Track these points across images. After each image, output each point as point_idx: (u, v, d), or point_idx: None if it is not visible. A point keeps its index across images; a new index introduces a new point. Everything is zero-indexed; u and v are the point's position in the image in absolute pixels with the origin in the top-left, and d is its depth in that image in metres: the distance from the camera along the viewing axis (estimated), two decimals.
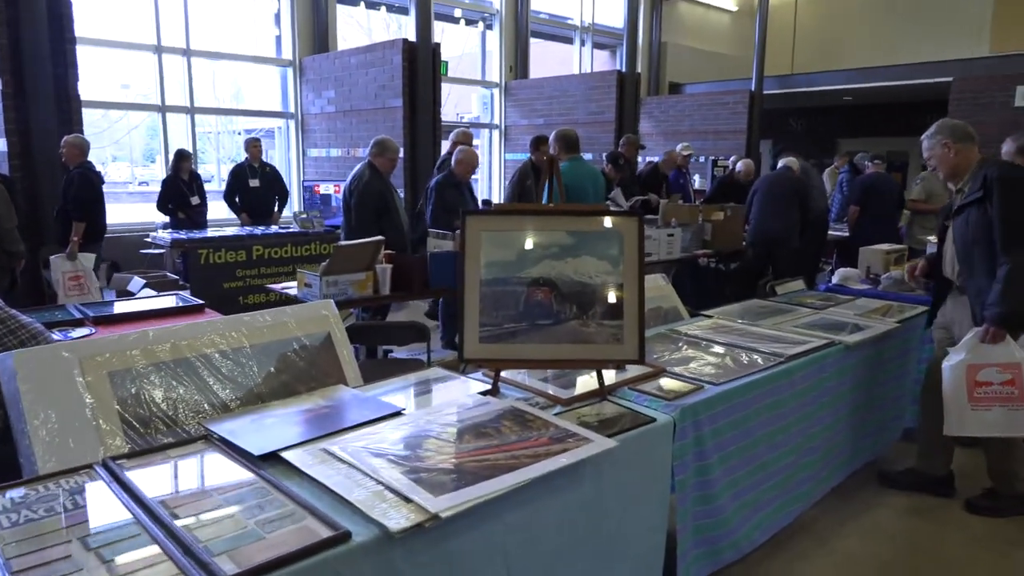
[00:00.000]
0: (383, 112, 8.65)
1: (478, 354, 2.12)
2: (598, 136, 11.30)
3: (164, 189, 7.40)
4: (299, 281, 3.85)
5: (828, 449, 2.84)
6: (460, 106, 14.62)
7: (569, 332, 2.11)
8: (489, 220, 2.17)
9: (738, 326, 3.09)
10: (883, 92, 12.25)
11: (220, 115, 11.42)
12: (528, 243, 2.14)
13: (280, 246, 7.02)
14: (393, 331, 3.58)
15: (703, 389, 2.25)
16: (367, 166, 4.93)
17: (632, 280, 2.14)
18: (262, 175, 7.60)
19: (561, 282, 2.12)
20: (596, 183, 4.83)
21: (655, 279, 3.42)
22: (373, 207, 4.82)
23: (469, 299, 2.12)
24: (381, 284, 3.91)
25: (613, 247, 2.15)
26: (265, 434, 1.80)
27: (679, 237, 5.86)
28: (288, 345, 2.25)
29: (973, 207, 2.89)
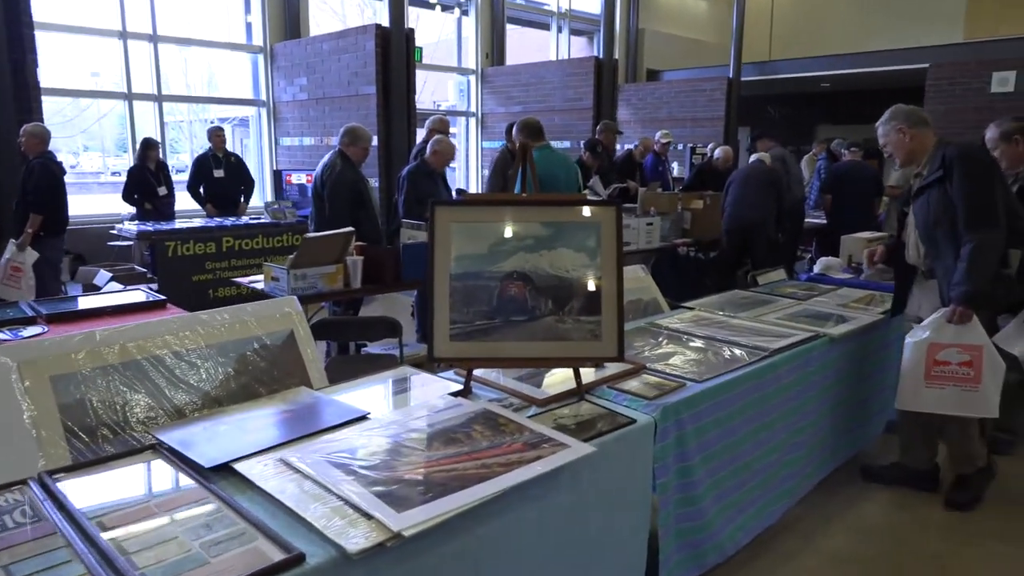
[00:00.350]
0: (356, 100, 8.48)
1: (448, 353, 2.01)
2: (576, 124, 11.21)
3: (130, 179, 7.19)
4: (266, 275, 3.71)
5: (813, 445, 2.77)
6: (437, 94, 14.45)
7: (545, 329, 2.01)
8: (459, 211, 2.06)
9: (720, 318, 3.01)
10: (861, 78, 12.24)
11: (188, 103, 11.14)
12: (501, 235, 2.03)
13: (251, 237, 6.83)
14: (363, 326, 3.45)
15: (685, 387, 2.16)
16: (338, 155, 4.78)
17: (610, 273, 2.04)
18: (227, 165, 7.41)
19: (536, 276, 2.02)
20: (568, 171, 4.66)
21: (634, 270, 3.32)
22: (348, 198, 4.67)
23: (439, 294, 2.01)
24: (352, 277, 3.78)
25: (590, 238, 2.05)
26: (218, 443, 1.68)
27: (658, 226, 5.78)
28: (248, 345, 2.13)
29: (934, 188, 2.86)
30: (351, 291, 3.80)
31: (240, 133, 12.22)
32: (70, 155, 17.17)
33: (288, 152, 9.85)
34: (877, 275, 3.75)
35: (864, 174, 7.07)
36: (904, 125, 2.96)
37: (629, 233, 5.54)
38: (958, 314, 2.78)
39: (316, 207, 4.79)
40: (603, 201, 2.15)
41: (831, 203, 7.06)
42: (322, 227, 4.72)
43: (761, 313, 3.12)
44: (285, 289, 3.57)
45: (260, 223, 7.02)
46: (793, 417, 2.61)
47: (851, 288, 3.75)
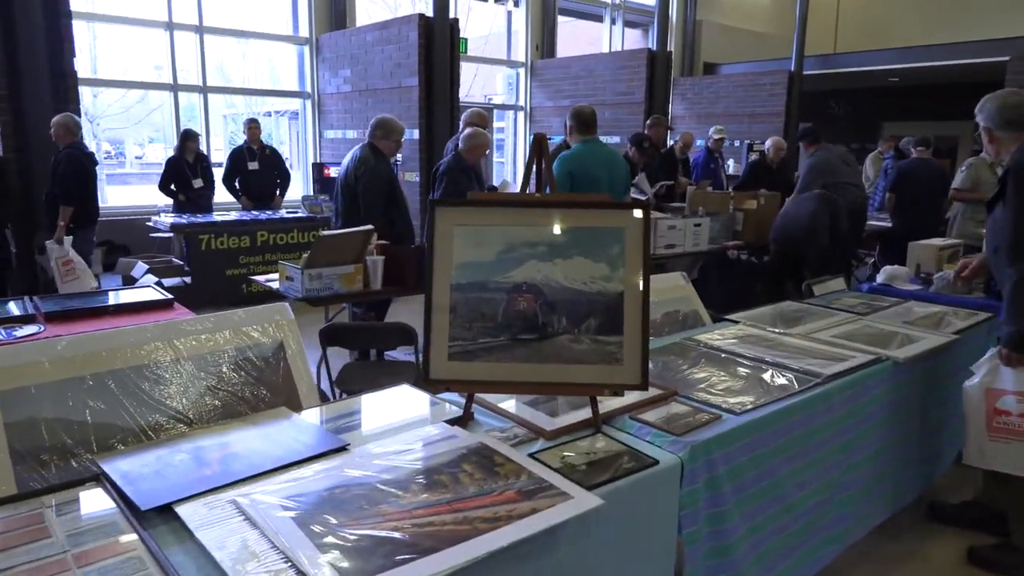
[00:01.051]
0: (399, 92, 8.31)
1: (446, 374, 1.77)
2: (626, 118, 10.88)
3: (167, 170, 7.15)
4: (280, 274, 3.54)
5: (869, 483, 2.44)
6: (487, 87, 14.27)
7: (557, 349, 1.76)
8: (463, 212, 1.82)
9: (768, 335, 2.70)
10: (932, 72, 11.58)
11: (240, 95, 11.15)
12: (510, 241, 1.78)
13: (286, 231, 6.77)
14: (376, 333, 3.24)
15: (720, 420, 1.87)
16: (369, 148, 4.58)
17: (636, 286, 1.77)
18: (261, 157, 7.31)
19: (548, 288, 1.77)
20: (613, 170, 4.34)
21: (674, 278, 3.03)
22: (385, 194, 4.45)
23: (437, 307, 1.77)
24: (372, 278, 3.59)
25: (613, 246, 1.78)
26: (168, 477, 1.47)
27: (706, 227, 5.45)
28: (230, 358, 1.92)
29: (996, 204, 2.47)
30: (370, 293, 3.61)
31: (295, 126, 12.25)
32: (136, 146, 17.55)
33: (331, 145, 9.75)
34: (963, 289, 3.37)
35: (931, 173, 6.60)
36: (990, 125, 2.56)
37: (674, 235, 5.23)
38: (1006, 357, 2.43)
39: (344, 203, 4.59)
40: (628, 203, 1.87)
41: (895, 203, 6.61)
42: (350, 224, 4.53)
43: (815, 330, 2.80)
44: (299, 290, 3.39)
45: (296, 217, 6.94)
46: (846, 452, 2.29)
47: (919, 302, 3.37)
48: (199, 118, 9.07)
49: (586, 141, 4.30)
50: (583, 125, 4.29)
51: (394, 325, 2.98)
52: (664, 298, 2.90)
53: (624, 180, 4.50)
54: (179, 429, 1.75)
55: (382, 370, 3.44)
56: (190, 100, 9.12)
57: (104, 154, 16.60)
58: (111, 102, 14.04)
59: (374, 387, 3.09)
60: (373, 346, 3.73)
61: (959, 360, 2.84)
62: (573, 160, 4.25)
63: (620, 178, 4.43)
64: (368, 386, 3.25)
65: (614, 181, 4.32)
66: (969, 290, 3.48)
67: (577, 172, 4.20)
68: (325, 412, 1.89)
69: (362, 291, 3.57)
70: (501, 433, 1.76)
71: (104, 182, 13.66)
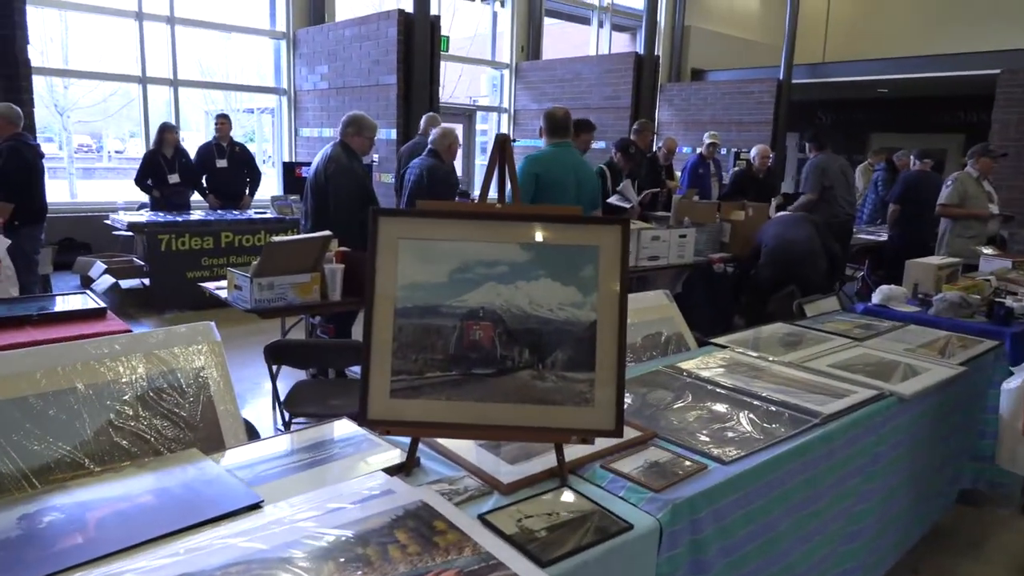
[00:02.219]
0: (376, 90, 8.05)
1: (387, 414, 1.52)
2: (612, 123, 10.67)
3: (143, 164, 6.85)
4: (229, 282, 3.28)
5: (875, 531, 2.21)
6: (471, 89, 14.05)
7: (518, 387, 1.52)
8: (411, 223, 1.57)
9: (758, 363, 2.48)
10: (922, 84, 11.46)
11: (204, 88, 10.85)
12: (465, 258, 1.54)
13: (252, 233, 6.52)
14: (326, 352, 2.98)
15: (706, 471, 1.63)
16: (340, 146, 4.37)
17: (611, 314, 1.53)
18: (231, 154, 7.06)
19: (509, 315, 1.53)
20: (582, 178, 4.13)
21: (657, 296, 2.81)
22: (356, 194, 4.26)
23: (377, 335, 1.53)
24: (330, 288, 3.36)
25: (585, 266, 1.55)
26: (20, 550, 1.19)
27: (692, 239, 5.25)
28: (140, 386, 1.67)
29: None
30: (328, 304, 3.37)
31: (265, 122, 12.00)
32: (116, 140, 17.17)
33: (307, 143, 9.49)
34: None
35: (933, 186, 6.46)
36: None
37: (658, 246, 5.03)
38: None
39: (314, 203, 4.37)
40: (605, 218, 1.63)
41: (898, 215, 6.46)
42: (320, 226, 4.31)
43: (809, 357, 2.58)
44: (248, 300, 3.13)
45: (263, 218, 6.70)
46: (850, 500, 2.06)
47: (919, 326, 3.15)
48: (171, 113, 8.76)
49: (557, 145, 4.09)
50: (555, 128, 4.09)
51: (346, 343, 2.76)
52: (645, 319, 2.68)
53: (593, 193, 4.29)
54: (68, 475, 1.48)
55: (336, 390, 3.18)
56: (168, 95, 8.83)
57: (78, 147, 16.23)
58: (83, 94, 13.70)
59: (325, 410, 2.92)
60: (323, 366, 3.47)
61: (965, 392, 2.63)
62: (540, 162, 4.04)
63: (589, 189, 4.20)
64: (319, 407, 3.07)
65: (582, 191, 4.10)
66: (971, 313, 3.27)
67: (543, 175, 3.98)
68: (248, 454, 1.64)
69: (319, 302, 3.34)
70: (450, 485, 1.51)
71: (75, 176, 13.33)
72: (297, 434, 1.79)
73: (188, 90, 9.09)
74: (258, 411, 4.05)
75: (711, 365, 2.44)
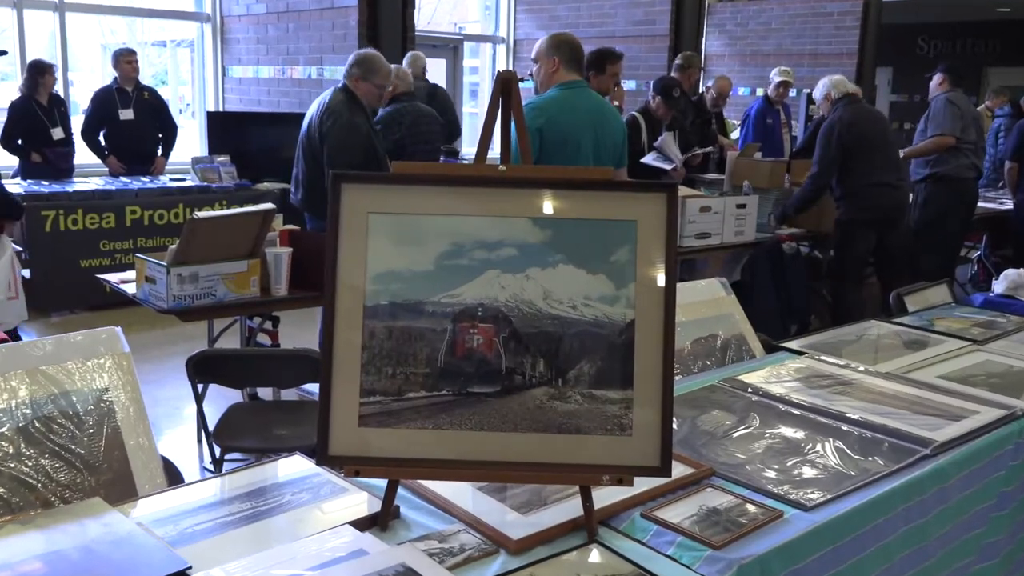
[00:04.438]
0: (331, 14, 8.19)
1: (354, 448, 1.53)
2: (644, 56, 10.77)
3: (11, 116, 6.85)
4: (138, 273, 3.34)
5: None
6: (457, 14, 14.08)
7: (530, 410, 1.54)
8: (385, 193, 1.57)
9: (847, 375, 2.51)
10: None
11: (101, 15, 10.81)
12: (458, 239, 1.56)
13: (168, 207, 6.61)
14: (268, 365, 3.02)
15: (783, 520, 1.65)
16: (342, 93, 4.52)
17: (653, 311, 1.54)
18: (138, 103, 7.11)
19: (518, 314, 1.55)
20: (604, 130, 4.10)
21: (710, 288, 2.87)
22: (361, 160, 4.41)
23: (342, 343, 1.54)
24: (274, 279, 3.44)
25: (619, 248, 1.56)
26: None
27: (754, 210, 5.28)
28: (22, 416, 1.69)
29: None
30: (271, 302, 3.45)
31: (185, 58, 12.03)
32: None
33: (239, 87, 9.61)
34: None
35: None
36: None
37: (709, 220, 5.07)
38: None
39: (306, 168, 4.52)
40: (645, 183, 1.64)
41: (1016, 175, 6.49)
42: (314, 197, 4.46)
43: (914, 365, 2.62)
44: (164, 297, 3.19)
45: (183, 187, 6.80)
46: (969, 558, 2.10)
47: None
48: (55, 47, 8.78)
49: (567, 86, 4.06)
50: (571, 60, 4.07)
51: (297, 353, 2.82)
52: (695, 317, 2.73)
53: (618, 149, 4.28)
54: None
55: (284, 416, 3.23)
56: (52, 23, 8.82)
57: None
58: None
59: (269, 442, 2.94)
60: (266, 384, 3.52)
61: None
62: (544, 112, 3.99)
63: (612, 146, 4.20)
64: (262, 439, 3.09)
65: (602, 149, 4.09)
66: None
67: (550, 131, 3.94)
68: (169, 503, 1.65)
69: (259, 299, 3.40)
70: (440, 543, 1.52)
71: None
72: (233, 476, 1.79)
73: (78, 16, 9.06)
74: (180, 445, 4.06)
75: (783, 378, 2.46)
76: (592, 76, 5.06)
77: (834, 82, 6.21)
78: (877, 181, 5.40)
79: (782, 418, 2.16)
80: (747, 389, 2.35)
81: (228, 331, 4.28)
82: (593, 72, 5.13)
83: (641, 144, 5.79)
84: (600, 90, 4.79)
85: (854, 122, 5.44)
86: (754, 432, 2.06)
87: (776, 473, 1.84)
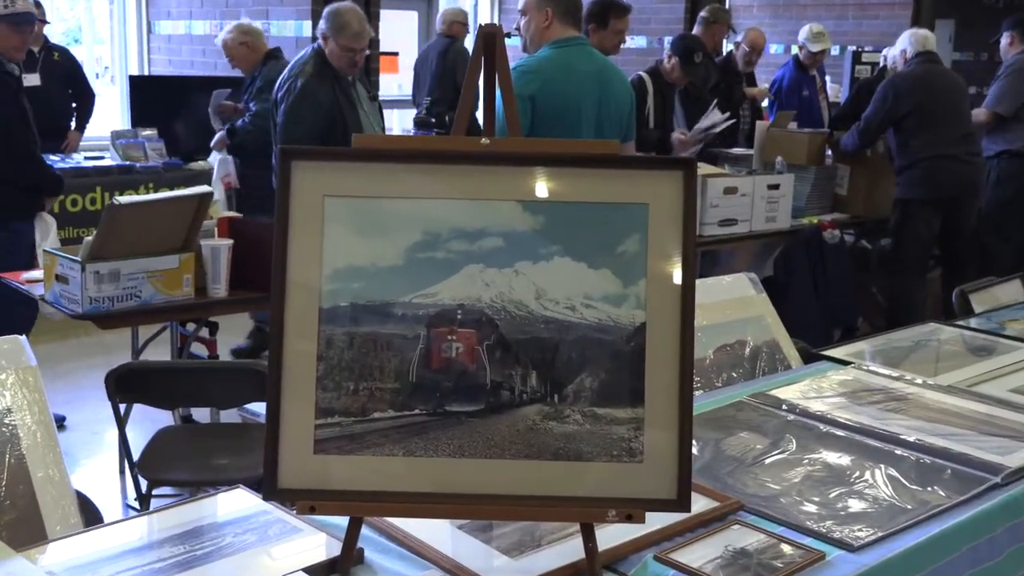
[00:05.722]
0: None
1: (308, 480, 1.55)
2: (658, 9, 10.80)
3: None
4: (46, 271, 3.39)
5: None
6: None
7: (521, 433, 1.56)
8: (344, 172, 1.60)
9: (900, 388, 2.57)
10: None
11: None
12: (432, 227, 1.59)
13: (83, 192, 6.65)
14: (206, 380, 3.05)
15: (824, 562, 1.68)
16: (313, 57, 4.70)
17: (668, 313, 1.57)
18: (46, 66, 7.14)
19: (505, 318, 1.58)
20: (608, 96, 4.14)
21: (737, 283, 2.92)
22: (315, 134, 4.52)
23: (293, 352, 1.56)
24: (211, 277, 3.49)
25: (627, 237, 1.59)
26: None
27: (789, 190, 5.33)
28: None
29: None
30: (208, 304, 3.51)
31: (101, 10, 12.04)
32: None
33: (169, 46, 9.71)
34: None
35: None
36: None
37: (735, 204, 5.12)
38: None
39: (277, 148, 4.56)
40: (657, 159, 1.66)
41: None
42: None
43: (981, 377, 2.68)
44: (78, 300, 3.25)
45: (101, 166, 6.84)
46: None
47: None
48: None
49: (563, 44, 4.11)
50: (568, 13, 4.12)
51: (235, 367, 2.82)
52: (718, 320, 2.78)
53: (625, 119, 4.34)
54: None
55: (224, 442, 3.27)
56: None
57: None
58: None
59: (205, 474, 2.95)
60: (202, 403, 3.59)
61: None
62: (536, 76, 4.03)
63: (617, 115, 4.25)
64: (196, 470, 3.11)
65: (605, 119, 4.14)
66: None
67: (545, 98, 3.98)
68: (85, 547, 1.67)
69: (193, 301, 3.45)
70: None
71: None
72: (163, 515, 1.81)
73: None
74: (99, 478, 4.06)
75: (825, 392, 2.50)
76: (592, 30, 5.11)
77: (918, 37, 6.28)
78: (944, 153, 5.48)
79: (824, 441, 2.19)
80: (781, 406, 2.38)
81: (156, 340, 4.30)
82: (593, 25, 5.18)
83: (646, 111, 5.81)
84: (602, 48, 4.82)
85: (922, 82, 5.50)
86: (790, 458, 2.10)
87: (817, 507, 1.87)
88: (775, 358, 2.80)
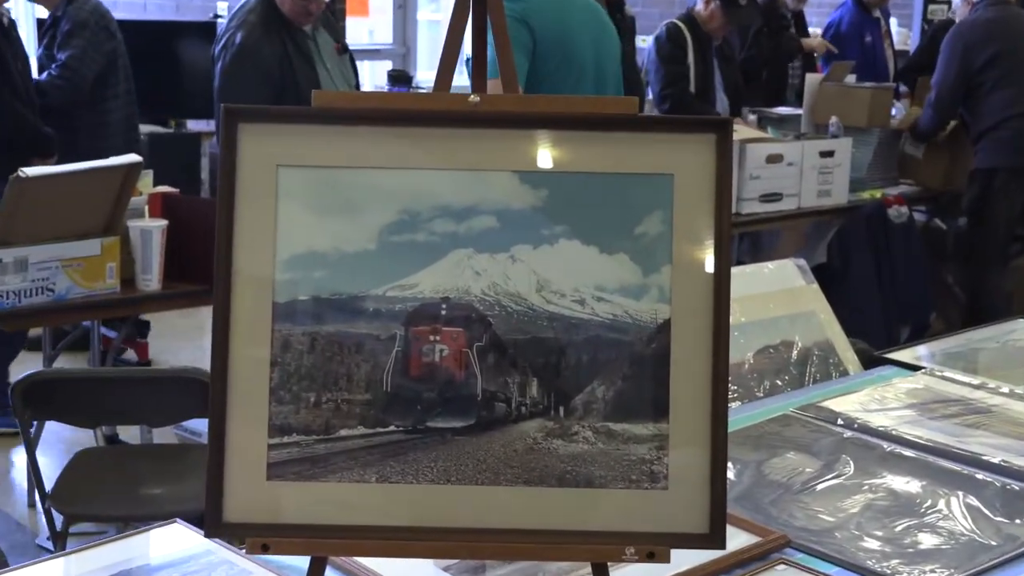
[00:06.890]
0: None
1: (262, 513, 1.57)
2: None
3: None
4: None
5: None
6: None
7: (519, 453, 1.58)
8: (301, 137, 1.61)
9: (982, 398, 2.59)
10: None
11: None
12: (410, 204, 1.60)
13: None
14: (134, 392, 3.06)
15: None
16: (259, 2, 4.78)
17: (697, 309, 1.59)
18: None
19: (500, 313, 1.59)
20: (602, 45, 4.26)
21: (782, 272, 2.94)
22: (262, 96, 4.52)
23: (240, 359, 1.57)
24: (141, 266, 3.49)
25: (647, 216, 1.60)
26: None
27: (847, 159, 5.33)
28: None
29: None
30: (138, 299, 3.51)
31: None
32: None
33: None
34: None
35: None
36: None
37: (780, 174, 5.10)
38: None
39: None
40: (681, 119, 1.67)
41: None
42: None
43: None
44: None
45: None
46: None
47: None
48: None
49: None
50: None
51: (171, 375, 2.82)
52: (760, 317, 2.81)
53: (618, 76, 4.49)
54: None
55: (155, 466, 3.26)
56: None
57: None
58: None
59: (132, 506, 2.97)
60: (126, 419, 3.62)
61: None
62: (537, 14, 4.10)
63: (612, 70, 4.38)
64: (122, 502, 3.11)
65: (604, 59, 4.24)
66: None
67: (546, 44, 4.07)
68: None
69: (119, 296, 3.45)
70: None
71: None
72: (83, 555, 1.83)
73: None
74: (5, 511, 4.07)
75: (890, 403, 2.52)
76: None
77: None
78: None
79: (888, 463, 2.21)
80: (837, 421, 2.40)
81: (74, 344, 4.30)
82: None
83: (687, 66, 5.82)
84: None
85: (996, 28, 5.51)
86: (847, 483, 2.12)
87: (880, 543, 1.89)
88: (828, 362, 2.81)
